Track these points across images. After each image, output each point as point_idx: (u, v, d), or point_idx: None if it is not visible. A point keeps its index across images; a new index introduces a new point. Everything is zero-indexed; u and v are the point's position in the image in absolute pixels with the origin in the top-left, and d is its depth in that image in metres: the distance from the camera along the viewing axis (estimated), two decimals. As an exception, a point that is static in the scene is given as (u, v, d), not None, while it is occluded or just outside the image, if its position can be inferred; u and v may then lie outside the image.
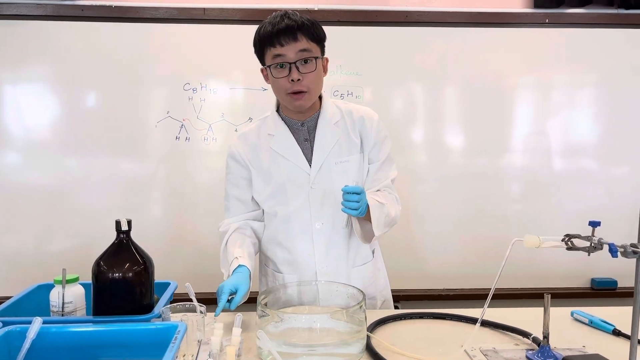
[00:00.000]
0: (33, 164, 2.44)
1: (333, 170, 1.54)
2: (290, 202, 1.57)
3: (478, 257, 2.59)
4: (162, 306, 1.26)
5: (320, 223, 1.56)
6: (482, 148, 2.57)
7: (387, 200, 1.53)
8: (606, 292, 2.63)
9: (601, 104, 2.58)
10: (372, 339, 1.31)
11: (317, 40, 1.46)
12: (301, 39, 1.42)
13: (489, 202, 2.59)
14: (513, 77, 2.55)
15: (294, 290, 1.47)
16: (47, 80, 2.42)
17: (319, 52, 1.48)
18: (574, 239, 1.15)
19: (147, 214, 2.50)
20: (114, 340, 1.10)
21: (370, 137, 1.58)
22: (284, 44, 1.41)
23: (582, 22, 2.52)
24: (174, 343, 1.01)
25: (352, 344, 1.23)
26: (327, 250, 1.58)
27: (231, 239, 1.55)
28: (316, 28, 1.46)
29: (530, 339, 1.29)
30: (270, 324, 1.24)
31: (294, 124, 1.58)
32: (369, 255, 1.66)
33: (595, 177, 2.61)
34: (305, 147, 1.57)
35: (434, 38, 2.51)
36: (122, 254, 1.26)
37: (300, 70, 1.43)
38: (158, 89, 2.46)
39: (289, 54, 1.42)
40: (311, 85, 1.46)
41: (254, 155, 1.60)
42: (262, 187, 1.60)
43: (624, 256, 1.05)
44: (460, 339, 1.31)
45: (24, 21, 2.38)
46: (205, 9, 2.42)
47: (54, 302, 1.32)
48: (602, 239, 1.10)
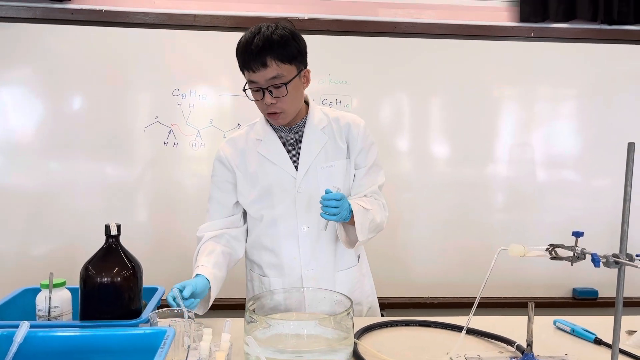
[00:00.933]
0: (19, 167, 2.42)
1: (319, 175, 1.56)
2: (276, 206, 1.58)
3: (462, 266, 2.62)
4: (150, 311, 1.26)
5: (306, 227, 1.58)
6: (467, 158, 2.61)
7: (372, 205, 1.55)
8: (587, 302, 2.67)
9: (583, 116, 2.64)
10: (359, 345, 1.32)
11: (289, 60, 1.43)
12: (271, 64, 1.40)
13: (474, 211, 2.63)
14: (498, 88, 2.61)
15: (281, 296, 1.48)
16: (35, 83, 2.41)
17: (293, 71, 1.45)
18: (558, 248, 1.18)
19: (134, 218, 2.49)
20: (103, 346, 1.10)
21: (356, 142, 1.60)
22: (255, 70, 1.42)
23: (566, 36, 2.58)
24: (162, 348, 1.01)
25: (339, 351, 1.24)
26: (312, 254, 1.59)
27: (202, 248, 1.58)
28: (288, 47, 1.42)
29: (514, 346, 1.31)
30: (258, 330, 1.24)
31: (281, 130, 1.60)
32: (354, 260, 1.68)
33: (577, 188, 2.67)
34: (292, 152, 1.59)
35: (422, 49, 2.55)
36: (111, 258, 1.26)
37: (273, 95, 1.45)
38: (147, 94, 2.46)
39: (260, 81, 1.43)
40: (285, 106, 1.48)
41: (241, 160, 1.62)
42: (248, 191, 1.61)
43: (606, 266, 1.08)
44: (446, 347, 1.33)
45: (12, 23, 2.36)
46: (196, 16, 2.43)
47: (40, 307, 1.31)
48: (585, 249, 1.12)
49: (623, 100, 2.63)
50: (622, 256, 1.06)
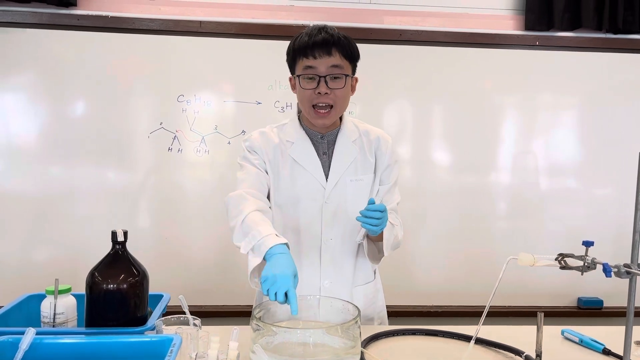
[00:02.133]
0: (25, 173, 2.42)
1: (348, 187, 1.55)
2: (302, 215, 1.56)
3: (466, 274, 2.61)
4: (156, 318, 1.25)
5: (329, 239, 1.56)
6: (471, 165, 2.61)
7: (395, 222, 1.54)
8: (592, 312, 2.65)
9: (588, 125, 2.64)
10: (366, 354, 1.31)
11: (350, 58, 1.47)
12: (335, 54, 1.43)
13: (477, 219, 2.62)
14: (502, 96, 2.61)
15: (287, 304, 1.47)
16: (41, 88, 2.41)
17: (350, 70, 1.49)
18: (568, 258, 1.17)
19: (137, 224, 2.48)
20: (108, 353, 1.09)
21: (384, 158, 1.60)
22: (317, 56, 1.42)
23: (571, 45, 2.58)
24: (169, 356, 1.01)
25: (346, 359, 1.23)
26: (333, 266, 1.58)
27: (257, 219, 1.36)
28: (351, 46, 1.47)
29: (523, 357, 1.30)
30: (265, 338, 1.23)
31: (314, 135, 1.57)
32: (371, 276, 1.67)
33: (580, 197, 2.66)
34: (324, 160, 1.56)
35: (426, 56, 2.55)
36: (117, 265, 1.25)
37: (329, 85, 1.44)
38: (152, 100, 2.46)
39: (320, 67, 1.43)
40: (338, 101, 1.47)
41: (274, 157, 1.55)
42: (276, 194, 1.56)
43: (617, 276, 1.07)
44: (453, 356, 1.32)
45: (19, 29, 2.37)
46: (202, 22, 2.44)
47: (45, 313, 1.30)
48: (595, 259, 1.12)
49: (627, 109, 2.63)
50: (633, 266, 1.05)
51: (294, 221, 1.56)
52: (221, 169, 2.47)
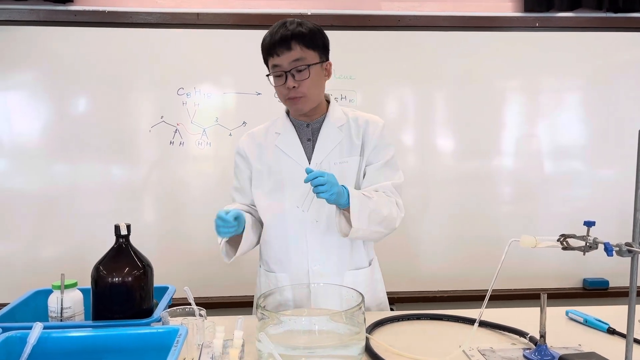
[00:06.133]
0: (27, 170, 2.43)
1: (332, 170, 1.55)
2: (287, 200, 1.59)
3: (470, 258, 2.62)
4: (162, 310, 1.26)
5: (315, 221, 1.58)
6: (473, 150, 2.60)
7: (379, 198, 1.51)
8: (598, 292, 2.66)
9: (590, 106, 2.62)
10: (371, 340, 1.32)
11: (313, 47, 1.50)
12: (295, 47, 1.46)
13: (481, 204, 2.62)
14: (504, 80, 2.59)
15: (291, 292, 1.48)
16: (40, 85, 2.42)
17: (316, 58, 1.51)
18: (570, 238, 1.17)
19: (141, 218, 2.49)
20: (115, 345, 1.10)
21: (371, 140, 1.60)
22: (279, 54, 1.47)
23: (571, 25, 2.56)
24: (175, 347, 1.02)
25: (351, 346, 1.24)
26: (321, 249, 1.59)
27: (231, 206, 1.63)
28: (313, 35, 1.50)
29: (527, 338, 1.31)
30: (270, 327, 1.24)
31: (300, 125, 1.63)
32: (364, 262, 1.66)
33: (584, 179, 2.65)
34: (308, 147, 1.60)
35: (425, 42, 2.54)
36: (121, 258, 1.26)
37: (295, 78, 1.48)
38: (152, 94, 2.47)
39: (283, 64, 1.48)
40: (307, 91, 1.51)
41: (258, 152, 1.66)
42: (262, 183, 1.64)
43: (619, 255, 1.07)
44: (458, 340, 1.33)
45: (17, 26, 2.37)
46: (199, 14, 2.43)
47: (52, 308, 1.31)
48: (597, 239, 1.11)
49: (629, 89, 2.61)
50: (635, 245, 1.05)
51: (280, 207, 1.61)
52: (223, 160, 2.48)
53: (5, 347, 1.06)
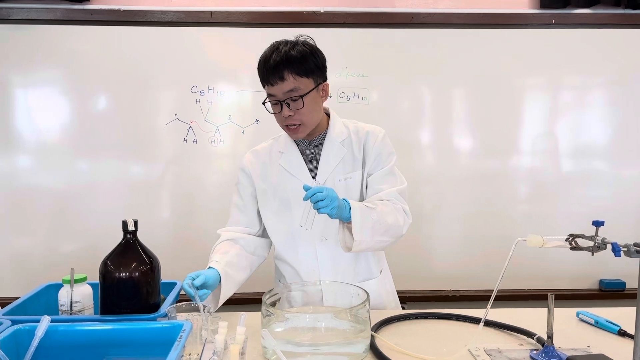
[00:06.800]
0: (42, 167, 2.47)
1: (337, 187, 1.56)
2: (295, 218, 1.58)
3: (485, 258, 2.59)
4: (168, 305, 1.28)
5: (325, 239, 1.58)
6: (488, 149, 2.57)
7: (384, 207, 1.49)
8: (614, 294, 2.61)
9: (608, 104, 2.57)
10: (377, 338, 1.31)
11: (307, 73, 1.46)
12: (288, 77, 1.44)
13: (497, 203, 2.58)
14: (519, 77, 2.55)
15: (299, 291, 1.49)
16: (56, 83, 2.45)
17: (311, 84, 1.48)
18: (578, 238, 1.15)
19: (155, 215, 2.52)
20: (121, 339, 1.12)
21: (372, 151, 1.59)
22: (273, 83, 1.46)
23: (589, 22, 2.51)
24: (179, 342, 1.03)
25: (355, 343, 1.24)
26: (332, 266, 1.60)
27: (217, 247, 1.60)
28: (306, 62, 1.46)
29: (535, 339, 1.29)
30: (275, 324, 1.25)
31: (302, 143, 1.62)
32: (374, 272, 1.66)
33: (603, 179, 2.60)
34: (312, 165, 1.60)
35: (440, 39, 2.51)
36: (128, 254, 1.28)
37: (291, 107, 1.47)
38: (166, 92, 2.49)
39: (278, 94, 1.47)
40: (303, 118, 1.50)
41: (263, 171, 1.65)
42: (268, 202, 1.64)
43: (627, 255, 1.05)
44: (465, 339, 1.32)
45: (35, 25, 2.41)
46: (213, 12, 2.44)
47: (62, 302, 1.34)
48: (605, 239, 1.09)
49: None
50: (644, 245, 1.03)
51: (288, 225, 1.61)
52: (236, 158, 2.47)
53: (14, 339, 1.08)
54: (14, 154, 2.46)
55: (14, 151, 2.46)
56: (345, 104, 2.51)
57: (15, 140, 2.46)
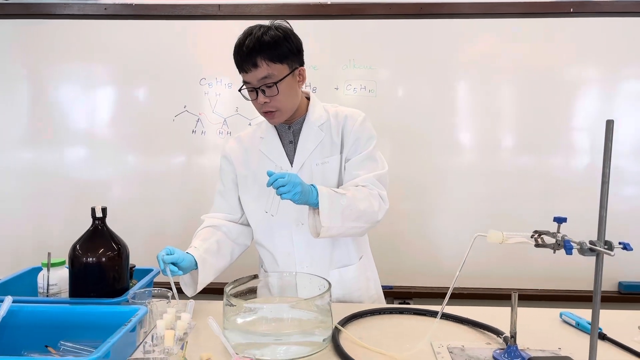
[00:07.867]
0: (61, 157, 2.57)
1: (314, 171, 1.55)
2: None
3: (495, 256, 2.51)
4: (136, 290, 1.31)
5: (300, 224, 1.57)
6: (496, 144, 2.49)
7: (357, 192, 1.47)
8: (634, 296, 2.48)
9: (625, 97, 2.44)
10: (341, 332, 1.30)
11: (280, 59, 1.44)
12: (261, 64, 1.42)
13: (505, 200, 2.50)
14: (533, 70, 2.44)
15: (264, 281, 1.50)
16: (68, 77, 2.54)
17: (285, 70, 1.46)
18: (544, 235, 1.11)
19: (165, 206, 2.57)
20: (80, 321, 1.16)
21: (350, 135, 1.56)
22: (247, 71, 1.44)
23: (608, 10, 2.38)
24: (125, 326, 1.05)
25: (315, 334, 1.24)
26: (306, 251, 1.59)
27: (200, 233, 1.61)
28: (279, 47, 1.43)
29: (502, 337, 1.25)
30: (238, 315, 1.26)
31: (281, 128, 1.61)
32: (352, 259, 1.64)
33: (632, 178, 2.48)
34: (289, 149, 1.60)
35: (449, 30, 2.45)
36: (97, 239, 1.31)
37: (266, 94, 1.46)
38: (176, 84, 2.53)
39: (252, 81, 1.46)
40: (279, 105, 1.48)
41: (244, 157, 1.65)
42: (249, 188, 1.64)
43: (580, 254, 1.01)
44: (434, 335, 1.28)
45: (50, 20, 2.50)
46: (220, 5, 2.47)
47: (40, 284, 1.39)
48: (565, 236, 1.05)
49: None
50: (599, 244, 0.98)
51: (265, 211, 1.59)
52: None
53: (-22, 318, 1.14)
54: (34, 146, 2.58)
55: (34, 143, 2.58)
56: (352, 96, 2.49)
57: (33, 132, 2.58)
